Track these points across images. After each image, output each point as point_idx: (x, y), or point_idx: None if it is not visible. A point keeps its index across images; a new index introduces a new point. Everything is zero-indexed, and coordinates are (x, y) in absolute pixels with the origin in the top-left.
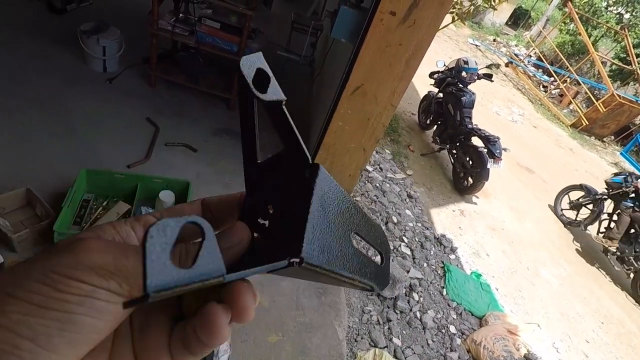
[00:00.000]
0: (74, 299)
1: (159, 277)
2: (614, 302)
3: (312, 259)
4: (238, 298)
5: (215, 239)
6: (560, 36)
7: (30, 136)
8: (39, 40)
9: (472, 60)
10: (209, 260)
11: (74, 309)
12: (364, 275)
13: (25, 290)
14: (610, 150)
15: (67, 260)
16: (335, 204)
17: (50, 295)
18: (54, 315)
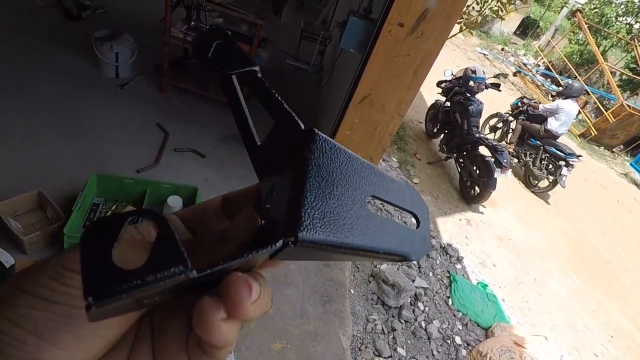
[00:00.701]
0: (78, 293)
1: (103, 283)
2: (624, 315)
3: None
4: (227, 291)
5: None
6: (569, 46)
7: (44, 140)
8: (55, 46)
9: (479, 70)
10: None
11: (79, 303)
12: (387, 245)
13: (34, 284)
14: (620, 160)
15: (75, 255)
16: (340, 169)
17: (57, 289)
18: (60, 310)
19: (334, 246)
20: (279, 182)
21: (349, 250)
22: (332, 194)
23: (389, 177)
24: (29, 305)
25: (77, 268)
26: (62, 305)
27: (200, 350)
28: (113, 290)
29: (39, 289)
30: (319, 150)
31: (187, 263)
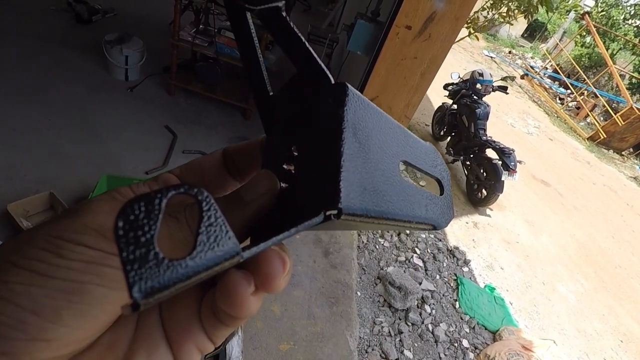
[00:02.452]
0: (79, 266)
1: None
2: (634, 320)
3: (354, 207)
4: (261, 265)
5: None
6: (577, 49)
7: (55, 142)
8: (66, 50)
9: (487, 72)
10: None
11: (80, 277)
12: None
13: (27, 258)
14: (629, 164)
15: (72, 224)
16: (374, 130)
17: (53, 263)
18: (59, 285)
19: (373, 217)
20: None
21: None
22: (368, 159)
23: (418, 140)
24: (24, 281)
25: (74, 237)
26: (62, 280)
27: (216, 319)
28: (161, 283)
29: (34, 263)
30: (352, 109)
31: (238, 247)
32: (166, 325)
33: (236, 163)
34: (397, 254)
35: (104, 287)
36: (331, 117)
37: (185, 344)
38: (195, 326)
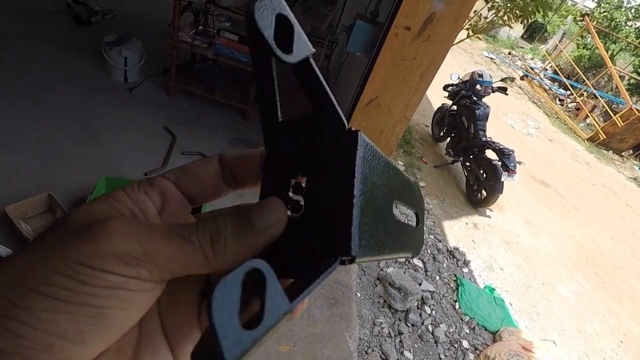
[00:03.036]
0: (102, 292)
1: (235, 348)
2: (634, 320)
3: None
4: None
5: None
6: (577, 50)
7: (54, 143)
8: (65, 51)
9: (486, 73)
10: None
11: (103, 302)
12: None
13: (48, 285)
14: (629, 164)
15: (89, 248)
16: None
17: (77, 290)
18: (84, 311)
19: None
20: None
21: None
22: (374, 204)
23: (407, 179)
24: (49, 308)
25: (95, 263)
26: (87, 306)
27: None
28: (244, 349)
29: (57, 291)
30: (362, 156)
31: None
32: (167, 329)
33: (233, 172)
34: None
35: (124, 310)
36: (344, 162)
37: (185, 345)
38: (194, 329)
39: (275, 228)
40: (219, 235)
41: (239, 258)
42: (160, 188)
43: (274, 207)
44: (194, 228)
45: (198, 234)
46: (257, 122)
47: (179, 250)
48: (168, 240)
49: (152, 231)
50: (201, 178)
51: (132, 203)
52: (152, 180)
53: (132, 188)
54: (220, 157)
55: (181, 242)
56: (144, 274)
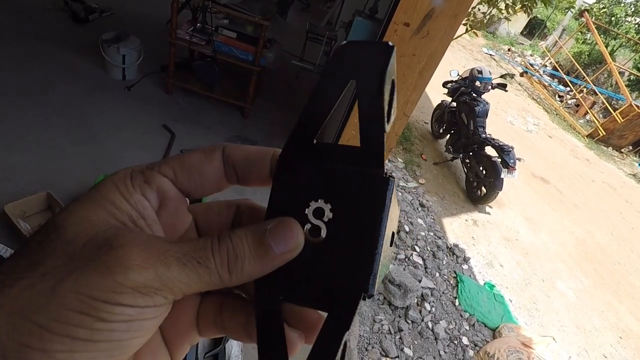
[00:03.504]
0: (120, 327)
1: None
2: (634, 316)
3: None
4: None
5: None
6: (576, 46)
7: (53, 142)
8: (62, 49)
9: (486, 70)
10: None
11: (121, 336)
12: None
13: (64, 324)
14: (629, 161)
15: (103, 282)
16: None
17: (96, 327)
18: (102, 347)
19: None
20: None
21: None
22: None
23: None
24: (66, 349)
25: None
26: (105, 342)
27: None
28: None
29: (73, 330)
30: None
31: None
32: (165, 332)
33: (237, 170)
34: (397, 252)
35: (142, 338)
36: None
37: (182, 345)
38: (192, 330)
39: (292, 255)
40: (236, 258)
41: (253, 276)
42: (157, 186)
43: (295, 233)
44: (209, 250)
45: (214, 258)
46: (256, 120)
47: (196, 275)
48: (184, 266)
49: (167, 257)
50: (201, 174)
51: (130, 207)
52: (148, 178)
53: (126, 188)
54: (223, 152)
55: (197, 267)
56: (159, 301)
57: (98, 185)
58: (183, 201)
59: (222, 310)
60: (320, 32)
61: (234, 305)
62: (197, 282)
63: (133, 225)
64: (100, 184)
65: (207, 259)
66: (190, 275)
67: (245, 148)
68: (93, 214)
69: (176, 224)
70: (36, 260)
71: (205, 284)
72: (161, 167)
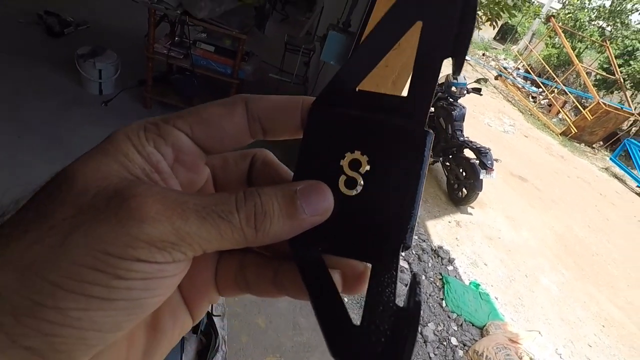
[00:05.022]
0: (138, 285)
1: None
2: (614, 305)
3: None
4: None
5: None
6: (546, 49)
7: (24, 160)
8: (37, 64)
9: (461, 76)
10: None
11: (139, 294)
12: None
13: (77, 281)
14: (600, 156)
15: (118, 236)
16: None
17: (112, 285)
18: (120, 305)
19: None
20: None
21: None
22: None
23: None
24: (82, 307)
25: (127, 253)
26: (123, 300)
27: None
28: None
29: (89, 288)
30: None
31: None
32: (184, 290)
33: (263, 123)
34: None
35: (162, 297)
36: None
37: (201, 303)
38: (211, 288)
39: (322, 219)
40: (264, 215)
41: (279, 238)
42: (172, 140)
43: (326, 196)
44: (233, 204)
45: (239, 213)
46: None
47: (217, 231)
48: (204, 219)
49: (185, 209)
50: (222, 129)
51: (143, 160)
52: (163, 132)
53: (139, 141)
54: (248, 104)
55: (219, 221)
56: (178, 256)
57: (110, 136)
58: (201, 156)
59: (244, 267)
60: (298, 43)
61: (257, 262)
62: (218, 239)
63: (147, 179)
64: (112, 135)
65: (231, 213)
66: (210, 230)
67: (271, 98)
68: (105, 165)
69: (193, 179)
70: (44, 212)
71: (227, 241)
72: (177, 120)
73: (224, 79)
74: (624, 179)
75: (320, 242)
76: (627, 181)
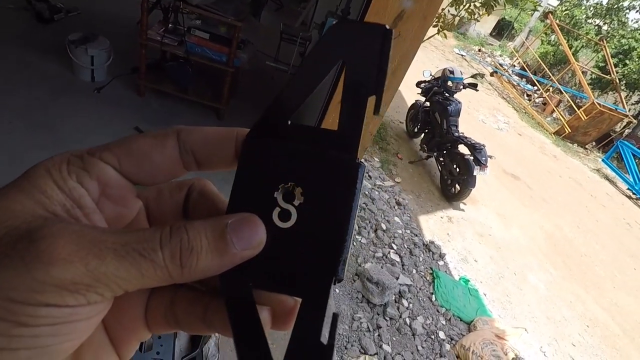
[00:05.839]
0: (46, 331)
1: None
2: (599, 306)
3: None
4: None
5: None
6: (542, 47)
7: (15, 147)
8: (27, 50)
9: (457, 70)
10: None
11: (47, 341)
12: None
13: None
14: (593, 156)
15: (23, 281)
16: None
17: (15, 334)
18: (25, 355)
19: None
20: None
21: None
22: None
23: None
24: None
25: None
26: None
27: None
28: None
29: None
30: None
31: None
32: (110, 329)
33: (196, 155)
34: (375, 250)
35: (76, 340)
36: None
37: (130, 342)
38: (140, 326)
39: (253, 253)
40: (190, 251)
41: (208, 274)
42: (97, 174)
43: (258, 230)
44: (157, 241)
45: (163, 251)
46: (231, 121)
47: (137, 270)
48: (122, 258)
49: (102, 248)
50: (152, 162)
51: (64, 196)
52: (87, 165)
53: (60, 175)
54: (179, 132)
55: (140, 260)
56: (94, 298)
57: (28, 171)
58: (130, 189)
59: (174, 303)
60: (294, 32)
61: (189, 298)
62: (138, 278)
63: (66, 215)
64: (30, 170)
65: (154, 251)
66: (130, 269)
67: (204, 130)
68: (18, 203)
69: (122, 213)
70: None
71: (149, 279)
72: (104, 153)
73: (219, 66)
74: (615, 181)
75: (251, 277)
76: (618, 183)
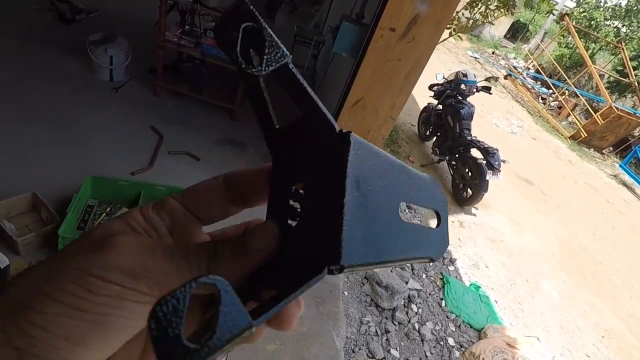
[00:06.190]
0: (104, 300)
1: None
2: (615, 316)
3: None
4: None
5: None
6: (558, 49)
7: (38, 143)
8: (49, 49)
9: (470, 73)
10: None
11: (104, 310)
12: (418, 250)
13: (60, 291)
14: (610, 162)
15: (98, 260)
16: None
17: (83, 297)
18: (87, 317)
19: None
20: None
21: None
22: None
23: (417, 175)
24: (57, 312)
25: (100, 274)
26: (89, 312)
27: None
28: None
29: (66, 297)
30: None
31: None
32: None
33: (240, 192)
34: None
35: (125, 318)
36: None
37: None
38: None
39: (266, 251)
40: (215, 256)
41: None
42: (169, 208)
43: (268, 231)
44: (195, 249)
45: (197, 255)
46: (244, 122)
47: (176, 268)
48: (169, 259)
49: (156, 249)
50: (207, 198)
51: (146, 222)
52: (163, 201)
53: (147, 209)
54: (225, 176)
55: (180, 261)
56: (143, 288)
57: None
58: (194, 222)
59: None
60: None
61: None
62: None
63: (144, 233)
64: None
65: (190, 254)
66: (172, 267)
67: (245, 170)
68: (114, 223)
69: (188, 240)
70: (63, 250)
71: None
72: (175, 193)
73: (234, 68)
74: (633, 187)
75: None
76: (637, 190)
